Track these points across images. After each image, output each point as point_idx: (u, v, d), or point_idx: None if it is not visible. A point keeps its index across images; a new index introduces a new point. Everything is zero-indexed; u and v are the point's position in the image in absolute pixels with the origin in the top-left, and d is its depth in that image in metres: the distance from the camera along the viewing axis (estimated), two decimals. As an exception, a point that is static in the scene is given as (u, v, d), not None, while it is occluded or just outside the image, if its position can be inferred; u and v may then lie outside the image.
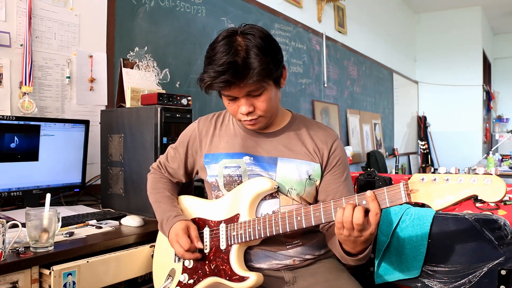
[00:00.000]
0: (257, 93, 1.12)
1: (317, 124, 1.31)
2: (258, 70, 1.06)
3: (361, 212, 0.97)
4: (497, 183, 0.86)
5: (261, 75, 1.07)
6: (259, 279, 1.13)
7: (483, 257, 1.24)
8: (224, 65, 1.05)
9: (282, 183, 1.20)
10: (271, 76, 1.12)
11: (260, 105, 1.14)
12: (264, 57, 1.07)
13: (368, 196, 0.98)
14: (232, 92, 1.11)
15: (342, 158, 1.26)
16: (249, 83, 1.08)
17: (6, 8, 1.73)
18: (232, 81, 1.07)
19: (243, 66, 1.06)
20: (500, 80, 9.14)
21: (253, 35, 1.09)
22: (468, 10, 7.14)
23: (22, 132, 1.59)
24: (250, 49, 1.07)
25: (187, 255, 1.18)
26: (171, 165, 1.37)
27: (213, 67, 1.07)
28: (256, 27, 1.14)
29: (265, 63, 1.07)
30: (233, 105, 1.16)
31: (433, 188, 0.92)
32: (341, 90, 4.65)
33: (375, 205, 0.97)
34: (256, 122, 1.19)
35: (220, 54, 1.07)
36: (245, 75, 1.06)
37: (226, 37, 1.10)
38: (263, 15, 3.31)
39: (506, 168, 4.80)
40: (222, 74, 1.06)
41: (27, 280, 1.12)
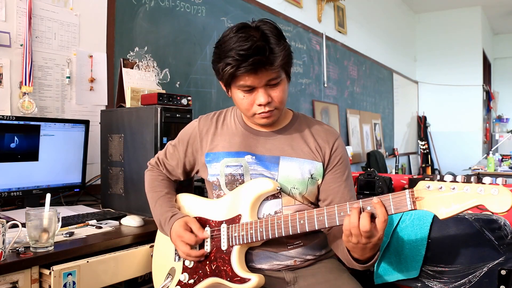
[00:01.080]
0: (276, 81, 1.13)
1: (318, 123, 1.31)
2: (283, 55, 1.09)
3: (367, 219, 0.96)
4: (504, 194, 0.84)
5: (284, 60, 1.10)
6: (261, 281, 1.13)
7: (483, 257, 1.24)
8: (251, 48, 1.05)
9: (284, 182, 1.20)
10: (290, 64, 1.15)
11: (276, 96, 1.15)
12: (283, 43, 1.10)
13: (375, 203, 0.97)
14: (254, 81, 1.10)
15: (344, 157, 1.26)
16: (270, 70, 1.09)
17: (6, 8, 1.73)
18: (262, 61, 1.06)
19: (268, 50, 1.07)
20: (500, 80, 9.14)
21: (266, 25, 1.11)
22: (468, 10, 7.15)
23: (22, 132, 1.59)
24: (268, 35, 1.09)
25: (192, 252, 1.18)
26: (169, 162, 1.37)
27: (237, 52, 1.06)
28: (267, 20, 1.15)
29: (287, 49, 1.11)
30: (249, 98, 1.14)
31: (439, 197, 0.91)
32: (341, 90, 4.65)
33: (382, 211, 0.96)
34: (271, 115, 1.18)
35: (241, 41, 1.07)
36: (271, 58, 1.08)
37: (240, 28, 1.11)
38: (263, 15, 3.31)
39: (506, 168, 4.80)
40: (250, 56, 1.05)
41: (27, 280, 1.12)
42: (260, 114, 1.16)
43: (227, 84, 1.16)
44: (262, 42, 1.07)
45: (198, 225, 1.21)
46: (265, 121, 1.20)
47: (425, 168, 7.05)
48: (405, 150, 6.88)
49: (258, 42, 1.06)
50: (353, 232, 0.98)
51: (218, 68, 1.12)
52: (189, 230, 1.19)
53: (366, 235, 0.97)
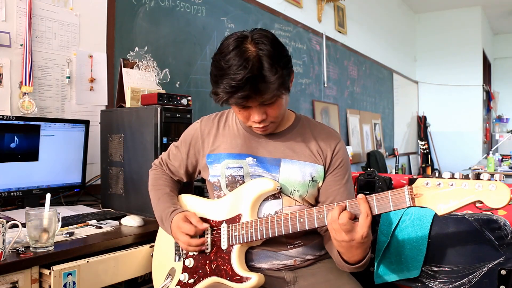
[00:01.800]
0: (270, 101, 1.12)
1: (320, 126, 1.31)
2: (276, 84, 1.06)
3: (346, 214, 0.98)
4: (502, 190, 0.86)
5: (277, 88, 1.07)
6: (260, 280, 1.13)
7: (483, 257, 1.24)
8: (242, 80, 1.03)
9: (285, 185, 1.20)
10: (286, 85, 1.12)
11: (272, 112, 1.14)
12: (279, 68, 1.06)
13: (360, 198, 0.99)
14: (248, 103, 1.10)
15: (345, 160, 1.26)
16: (265, 96, 1.08)
17: (6, 8, 1.73)
18: (250, 96, 1.06)
19: (260, 80, 1.04)
20: (500, 80, 9.14)
21: (264, 43, 1.07)
22: (468, 10, 7.14)
23: (22, 132, 1.59)
24: (263, 59, 1.05)
25: (193, 241, 1.17)
26: (172, 163, 1.37)
27: (229, 82, 1.04)
28: (265, 33, 1.11)
29: (281, 76, 1.07)
30: (244, 113, 1.15)
31: (437, 193, 0.92)
32: (341, 90, 4.65)
33: (365, 206, 0.98)
34: (267, 128, 1.19)
35: (234, 67, 1.04)
36: (263, 89, 1.05)
37: (237, 47, 1.07)
38: (263, 15, 3.31)
39: (506, 168, 4.80)
40: (240, 89, 1.04)
41: (27, 280, 1.12)
42: (256, 128, 1.18)
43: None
44: (255, 71, 1.03)
45: (197, 218, 1.21)
46: (262, 133, 1.22)
47: (425, 168, 7.05)
48: (405, 150, 6.88)
49: (250, 72, 1.03)
50: (333, 227, 1.00)
51: (213, 92, 1.12)
52: (188, 222, 1.20)
53: (344, 228, 0.98)
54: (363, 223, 0.98)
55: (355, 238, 0.99)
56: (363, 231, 0.98)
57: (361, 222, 0.98)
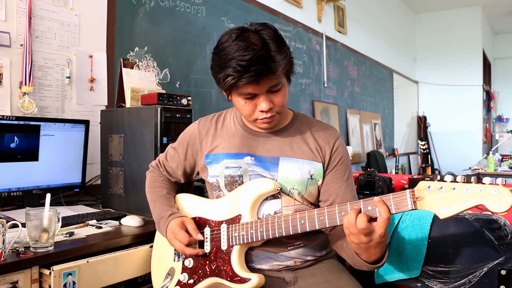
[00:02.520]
0: (277, 88, 1.12)
1: (319, 123, 1.30)
2: (283, 63, 1.08)
3: (364, 217, 0.96)
4: (504, 194, 0.85)
5: (285, 68, 1.09)
6: (261, 280, 1.13)
7: (483, 257, 1.24)
8: (253, 59, 1.03)
9: (284, 183, 1.20)
10: (292, 69, 1.14)
11: (278, 101, 1.14)
12: (284, 49, 1.09)
13: (377, 201, 0.97)
14: (255, 89, 1.09)
15: (344, 157, 1.25)
16: (273, 77, 1.08)
17: (6, 8, 1.73)
18: (264, 71, 1.05)
19: (270, 58, 1.06)
20: (500, 80, 9.14)
21: (265, 30, 1.10)
22: (468, 10, 7.15)
23: (22, 132, 1.59)
24: (268, 42, 1.07)
25: (187, 250, 1.17)
26: (170, 165, 1.37)
27: (237, 63, 1.04)
28: (265, 24, 1.13)
29: (288, 57, 1.10)
30: (250, 104, 1.14)
31: (439, 197, 0.92)
32: (341, 90, 4.65)
33: (384, 209, 0.96)
34: (273, 120, 1.18)
35: (241, 50, 1.05)
36: (273, 67, 1.06)
37: (240, 35, 1.08)
38: (263, 15, 3.31)
39: (506, 168, 4.80)
40: (252, 67, 1.03)
41: (27, 280, 1.12)
42: (262, 119, 1.16)
43: (228, 91, 1.15)
44: (263, 51, 1.05)
45: (194, 226, 1.20)
46: (267, 126, 1.20)
47: (425, 168, 7.05)
48: (405, 150, 6.88)
49: (259, 52, 1.04)
50: (351, 231, 0.98)
51: (219, 78, 1.10)
52: (184, 229, 1.19)
53: (363, 232, 0.96)
54: (382, 224, 0.96)
55: (373, 238, 0.98)
56: (381, 230, 0.97)
57: (379, 223, 0.96)
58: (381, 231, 0.97)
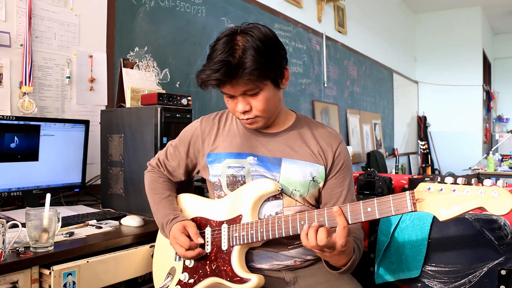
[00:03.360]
0: (253, 92, 1.13)
1: (321, 126, 1.30)
2: (250, 70, 1.06)
3: (323, 233, 1.00)
4: (505, 196, 0.84)
5: (252, 75, 1.07)
6: (260, 281, 1.13)
7: (483, 257, 1.24)
8: (218, 63, 1.07)
9: (286, 184, 1.20)
10: (266, 77, 1.11)
11: (256, 105, 1.14)
12: (259, 57, 1.07)
13: (335, 212, 1.01)
14: (228, 90, 1.13)
15: (347, 162, 1.26)
16: (241, 82, 1.08)
17: (6, 8, 1.73)
18: (222, 79, 1.08)
19: (236, 65, 1.06)
20: (500, 80, 9.14)
21: (252, 36, 1.09)
22: (468, 10, 7.15)
23: (22, 132, 1.59)
24: (247, 49, 1.08)
25: (189, 254, 1.18)
26: (170, 163, 1.37)
27: (208, 65, 1.10)
28: (258, 27, 1.13)
29: (259, 63, 1.07)
30: (232, 103, 1.17)
31: (439, 198, 0.91)
32: (341, 90, 4.65)
33: (341, 219, 1.00)
34: (254, 122, 1.19)
35: (217, 52, 1.09)
36: (235, 74, 1.07)
37: (227, 36, 1.12)
38: (263, 15, 3.31)
39: (506, 168, 4.80)
40: (215, 72, 1.07)
41: (27, 280, 1.12)
42: (242, 119, 1.19)
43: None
44: (232, 57, 1.06)
45: (195, 230, 1.21)
46: (250, 127, 1.23)
47: (425, 168, 7.05)
48: (405, 150, 6.88)
49: (230, 56, 1.06)
50: (313, 248, 1.03)
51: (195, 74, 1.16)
52: (186, 233, 1.20)
53: (325, 246, 1.00)
54: (341, 234, 1.00)
55: (336, 248, 1.01)
56: (341, 241, 1.00)
57: (338, 233, 1.00)
58: (341, 241, 1.00)
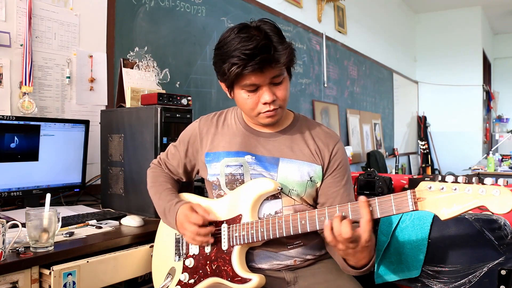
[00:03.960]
0: (279, 80, 1.14)
1: (319, 126, 1.31)
2: (285, 53, 1.10)
3: (348, 226, 0.96)
4: (506, 195, 0.84)
5: (288, 58, 1.11)
6: (261, 281, 1.13)
7: (483, 257, 1.24)
8: (257, 48, 1.06)
9: (283, 184, 1.20)
10: (293, 61, 1.16)
11: (280, 94, 1.15)
12: (285, 42, 1.12)
13: (362, 201, 0.97)
14: (259, 79, 1.11)
15: (343, 161, 1.26)
16: (277, 67, 1.10)
17: (6, 8, 1.73)
18: (268, 60, 1.07)
19: (274, 48, 1.08)
20: (500, 80, 9.14)
21: (266, 25, 1.12)
22: (468, 10, 7.15)
23: (22, 132, 1.59)
24: (270, 34, 1.10)
25: (202, 230, 1.15)
26: (171, 162, 1.37)
27: (242, 51, 1.06)
28: (266, 19, 1.16)
29: (290, 47, 1.12)
30: (253, 97, 1.15)
31: (440, 197, 0.91)
32: (341, 90, 4.65)
33: (366, 212, 0.96)
34: (276, 113, 1.18)
35: (244, 42, 1.08)
36: (277, 56, 1.08)
37: (242, 29, 1.12)
38: (263, 15, 3.31)
39: (506, 168, 4.80)
40: (256, 55, 1.06)
41: (27, 280, 1.12)
42: (265, 113, 1.16)
43: (231, 85, 1.16)
44: (266, 41, 1.08)
45: (203, 208, 1.20)
46: (270, 120, 1.20)
47: (425, 168, 7.05)
48: (405, 150, 6.88)
49: (262, 41, 1.07)
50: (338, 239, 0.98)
51: (224, 69, 1.11)
52: (195, 212, 1.19)
53: (350, 240, 0.96)
54: (365, 228, 0.96)
55: (359, 244, 0.98)
56: (366, 235, 0.96)
57: (363, 227, 0.96)
58: (366, 235, 0.96)
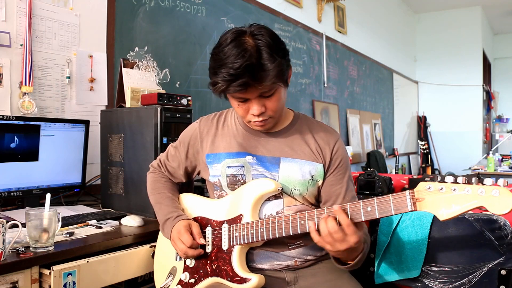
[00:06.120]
0: (269, 93, 1.12)
1: (319, 124, 1.31)
2: (274, 72, 1.06)
3: (332, 221, 1.00)
4: (505, 195, 0.83)
5: (275, 76, 1.07)
6: (261, 281, 1.13)
7: (483, 257, 1.24)
8: (241, 68, 1.04)
9: (285, 183, 1.20)
10: (284, 76, 1.12)
11: (271, 106, 1.14)
12: (277, 57, 1.07)
13: (336, 210, 1.01)
14: (246, 94, 1.11)
15: (344, 159, 1.26)
16: (263, 85, 1.07)
17: (6, 8, 1.73)
18: (249, 83, 1.06)
19: (259, 68, 1.05)
20: (500, 80, 9.14)
21: (262, 35, 1.09)
22: (468, 10, 7.14)
23: (22, 132, 1.59)
24: (261, 49, 1.06)
25: (190, 251, 1.18)
26: (171, 164, 1.37)
27: (227, 71, 1.06)
28: (264, 26, 1.13)
29: (279, 64, 1.07)
30: (243, 107, 1.15)
31: (439, 198, 0.91)
32: (341, 90, 4.65)
33: (342, 217, 1.00)
34: (266, 123, 1.18)
35: (232, 57, 1.06)
36: (261, 77, 1.06)
37: (235, 39, 1.09)
38: (263, 15, 3.31)
39: (506, 168, 4.80)
40: (239, 77, 1.04)
41: (27, 280, 1.12)
42: (255, 122, 1.18)
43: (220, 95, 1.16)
44: (253, 60, 1.05)
45: (198, 230, 1.21)
46: (260, 129, 1.21)
47: (425, 168, 7.05)
48: (405, 150, 6.88)
49: (248, 60, 1.04)
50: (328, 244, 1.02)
51: (211, 82, 1.13)
52: (190, 231, 1.20)
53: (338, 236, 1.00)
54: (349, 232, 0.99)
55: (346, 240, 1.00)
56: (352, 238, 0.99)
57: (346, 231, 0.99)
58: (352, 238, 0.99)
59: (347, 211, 1.02)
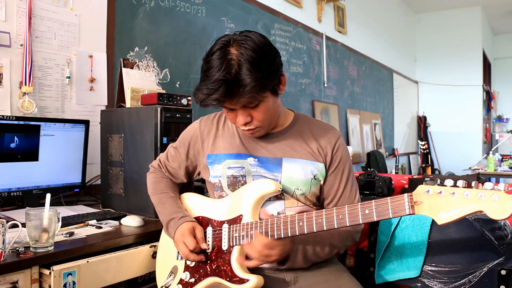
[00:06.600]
0: (253, 105, 1.12)
1: (319, 124, 1.31)
2: (250, 87, 1.04)
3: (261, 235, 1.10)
4: (505, 200, 0.82)
5: (253, 92, 1.06)
6: (260, 281, 1.13)
7: (483, 257, 1.24)
8: (216, 82, 1.05)
9: (288, 184, 1.20)
10: (265, 89, 1.10)
11: (257, 116, 1.14)
12: (256, 72, 1.05)
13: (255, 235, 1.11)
14: (227, 105, 1.12)
15: (345, 157, 1.26)
16: (244, 98, 1.07)
17: (6, 8, 1.73)
18: (222, 99, 1.07)
19: (235, 83, 1.04)
20: (500, 80, 9.14)
21: (245, 48, 1.07)
22: (468, 10, 7.14)
23: (22, 132, 1.59)
24: (242, 64, 1.05)
25: (191, 256, 1.18)
26: (171, 165, 1.37)
27: (206, 84, 1.07)
28: (251, 36, 1.10)
29: (257, 79, 1.05)
30: (231, 115, 1.17)
31: (438, 201, 0.90)
32: (341, 90, 4.65)
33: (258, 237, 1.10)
34: (254, 132, 1.19)
35: (213, 69, 1.06)
36: (236, 92, 1.05)
37: (220, 49, 1.08)
38: (263, 15, 3.31)
39: (506, 168, 4.80)
40: (214, 92, 1.05)
41: (27, 280, 1.12)
42: (243, 130, 1.19)
43: None
44: (230, 76, 1.04)
45: (202, 234, 1.21)
46: (251, 135, 1.22)
47: (425, 168, 7.05)
48: (405, 150, 6.88)
49: (225, 76, 1.04)
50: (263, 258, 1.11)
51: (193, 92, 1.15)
52: (193, 235, 1.20)
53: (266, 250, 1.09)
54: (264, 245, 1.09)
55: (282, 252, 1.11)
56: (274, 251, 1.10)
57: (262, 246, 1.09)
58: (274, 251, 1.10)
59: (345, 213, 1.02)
